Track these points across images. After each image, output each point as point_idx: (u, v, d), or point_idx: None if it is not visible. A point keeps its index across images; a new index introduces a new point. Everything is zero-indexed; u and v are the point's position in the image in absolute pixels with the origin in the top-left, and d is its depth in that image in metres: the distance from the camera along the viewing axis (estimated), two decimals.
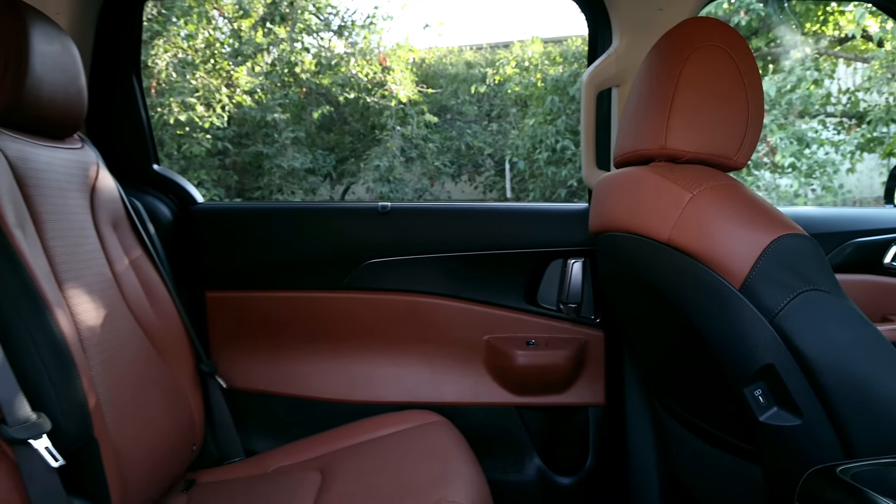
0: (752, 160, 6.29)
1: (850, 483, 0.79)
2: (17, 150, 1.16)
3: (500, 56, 7.68)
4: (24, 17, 1.18)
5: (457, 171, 8.31)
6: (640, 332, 1.38)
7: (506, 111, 8.17)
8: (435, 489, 1.16)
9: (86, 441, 1.04)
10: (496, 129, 8.28)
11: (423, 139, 7.59)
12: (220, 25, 7.25)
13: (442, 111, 8.29)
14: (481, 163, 8.35)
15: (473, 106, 8.30)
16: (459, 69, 8.60)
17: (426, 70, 8.56)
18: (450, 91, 8.40)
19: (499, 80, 7.57)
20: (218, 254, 1.79)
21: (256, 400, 1.78)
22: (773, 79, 6.24)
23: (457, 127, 8.32)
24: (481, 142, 8.11)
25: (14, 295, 1.01)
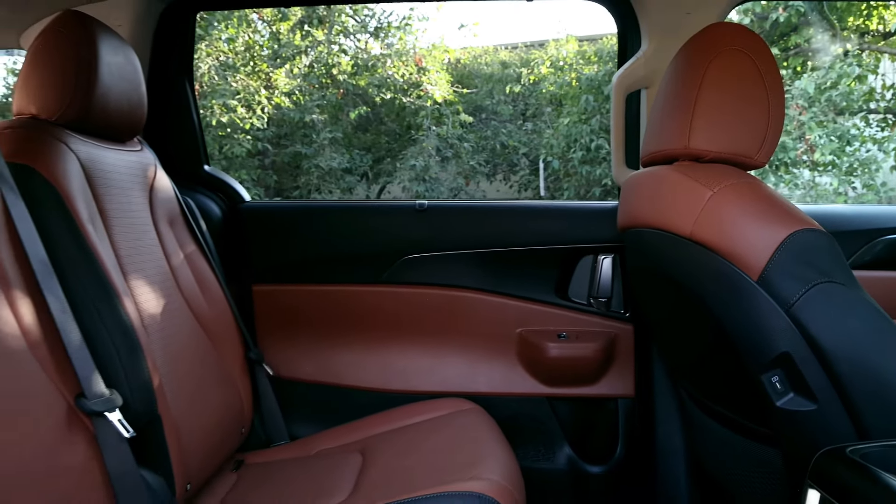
0: (791, 158, 6.23)
1: (858, 462, 0.84)
2: (87, 153, 1.26)
3: (535, 56, 7.72)
4: (93, 30, 1.28)
5: (492, 171, 8.37)
6: (665, 322, 1.44)
7: (541, 110, 8.20)
8: (468, 467, 1.23)
9: (151, 417, 1.14)
10: (531, 128, 8.32)
11: (458, 139, 7.67)
12: (259, 29, 7.43)
13: (477, 111, 8.36)
14: (516, 162, 8.39)
15: (508, 105, 8.35)
16: (494, 69, 8.65)
17: (461, 70, 8.64)
18: (485, 91, 8.46)
19: (533, 79, 7.61)
20: (264, 249, 1.90)
21: (300, 388, 1.87)
22: (811, 76, 6.16)
23: (492, 126, 8.38)
24: (516, 141, 8.16)
25: (88, 284, 1.12)
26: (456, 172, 7.95)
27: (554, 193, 7.97)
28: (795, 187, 6.49)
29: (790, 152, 6.12)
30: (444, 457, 1.33)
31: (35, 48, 1.26)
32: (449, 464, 1.28)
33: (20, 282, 0.98)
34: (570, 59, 7.24)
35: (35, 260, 1.01)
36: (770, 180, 6.39)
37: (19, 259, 1.00)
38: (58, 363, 0.98)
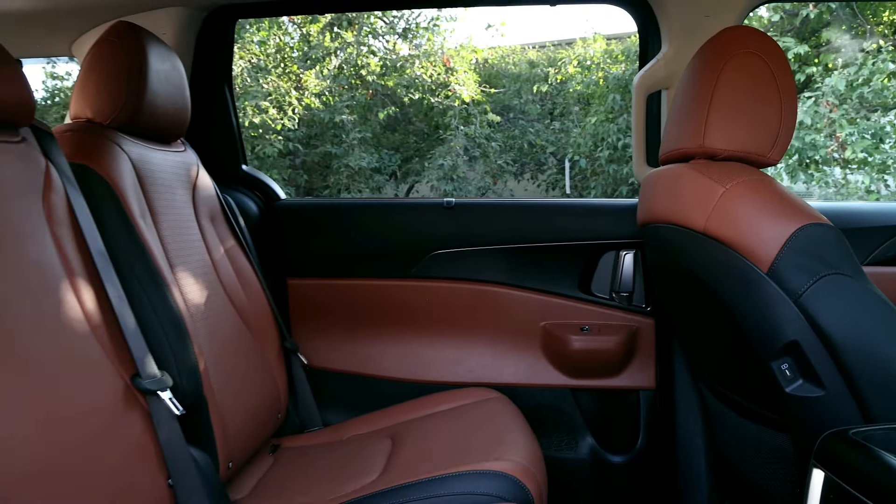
0: (821, 156, 6.18)
1: (861, 443, 0.90)
2: (138, 154, 1.36)
3: (562, 55, 7.75)
4: (143, 40, 1.38)
5: (519, 170, 8.42)
6: (684, 315, 1.49)
7: (568, 109, 8.22)
8: (492, 450, 1.30)
9: (197, 398, 1.23)
10: (558, 127, 8.35)
11: (485, 138, 7.73)
12: (289, 31, 7.57)
13: (505, 110, 8.41)
14: (544, 161, 8.43)
15: (536, 105, 8.39)
16: (522, 68, 8.70)
17: (489, 70, 8.70)
18: (513, 90, 8.51)
19: (561, 79, 7.64)
20: (298, 245, 1.99)
21: (332, 377, 1.96)
22: (842, 73, 6.11)
23: (519, 126, 8.43)
24: (544, 140, 8.20)
25: (140, 274, 1.21)
26: (483, 171, 8.01)
27: (582, 192, 8.00)
28: (826, 185, 6.43)
29: (820, 150, 6.07)
30: (470, 440, 1.40)
31: (91, 57, 1.36)
32: (474, 447, 1.35)
33: (83, 271, 1.08)
34: (598, 58, 7.26)
35: (94, 251, 1.10)
36: (800, 178, 6.34)
37: (81, 250, 1.10)
38: (116, 345, 1.08)
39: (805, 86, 6.64)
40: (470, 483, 1.18)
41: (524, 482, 1.19)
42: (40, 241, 1.02)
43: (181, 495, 1.10)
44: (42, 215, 1.05)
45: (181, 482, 1.10)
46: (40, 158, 1.09)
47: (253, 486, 1.42)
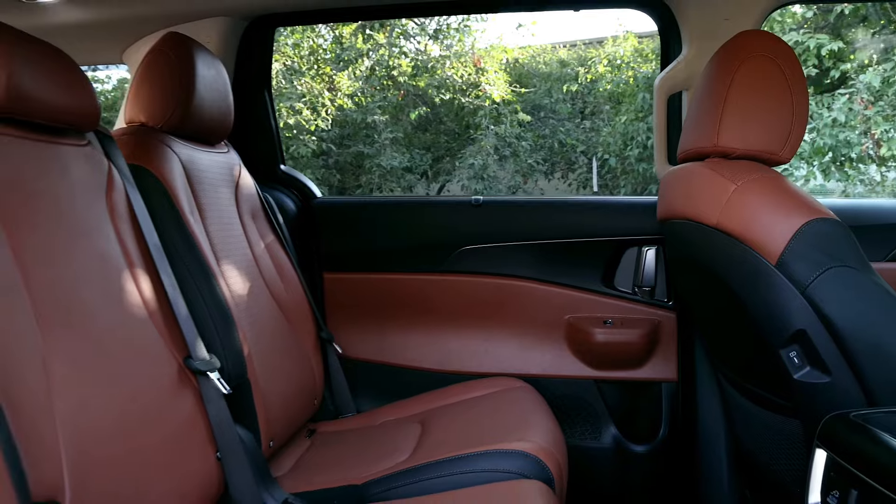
0: (856, 154, 6.12)
1: (861, 424, 0.96)
2: (186, 155, 1.47)
3: (592, 54, 7.77)
4: (192, 50, 1.49)
5: (550, 169, 8.45)
6: (702, 307, 1.55)
7: (599, 108, 8.23)
8: (515, 432, 1.38)
9: (242, 381, 1.34)
10: (589, 126, 8.36)
11: (516, 137, 7.79)
12: (322, 33, 7.72)
13: (536, 109, 8.45)
14: (574, 160, 8.45)
15: (567, 104, 8.41)
16: (553, 68, 8.72)
17: (519, 69, 8.74)
18: (543, 90, 8.54)
19: (591, 78, 7.66)
20: (334, 241, 2.09)
21: (365, 367, 2.05)
22: (877, 69, 6.03)
23: (550, 125, 8.46)
24: (574, 139, 8.22)
25: (190, 265, 1.32)
26: (514, 170, 8.07)
27: (612, 190, 8.01)
28: (861, 183, 6.36)
29: (854, 148, 6.01)
30: (495, 424, 1.48)
31: (144, 67, 1.47)
32: (498, 429, 1.43)
33: (141, 262, 1.18)
34: (627, 57, 7.27)
35: (151, 244, 1.21)
36: (834, 176, 6.29)
37: (139, 243, 1.20)
38: (170, 330, 1.18)
39: (841, 82, 6.58)
40: (493, 461, 1.26)
41: (545, 461, 1.27)
42: (105, 234, 1.13)
43: (228, 467, 1.20)
44: (105, 211, 1.16)
45: (228, 456, 1.20)
46: (103, 160, 1.20)
47: (292, 465, 1.52)
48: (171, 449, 1.07)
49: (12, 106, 0.97)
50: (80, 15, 1.80)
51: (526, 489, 1.15)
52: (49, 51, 1.05)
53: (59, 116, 1.07)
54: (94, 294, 1.04)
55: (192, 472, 1.11)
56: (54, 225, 1.01)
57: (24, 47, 0.99)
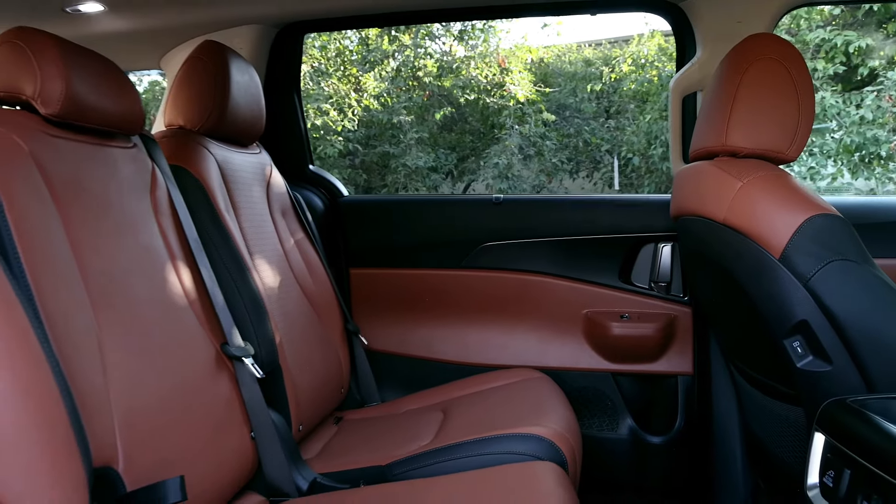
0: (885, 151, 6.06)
1: (857, 409, 1.01)
2: (222, 156, 1.56)
3: (616, 54, 7.78)
4: (226, 57, 1.58)
5: (575, 168, 8.48)
6: (712, 300, 1.61)
7: (624, 108, 8.24)
8: (531, 418, 1.45)
9: (274, 367, 1.43)
10: (614, 125, 8.37)
11: (540, 137, 7.83)
12: (349, 35, 7.83)
13: (561, 108, 8.48)
14: (599, 159, 8.47)
15: (592, 103, 8.43)
16: (578, 67, 8.74)
17: (544, 69, 8.77)
18: (568, 89, 8.57)
19: (615, 77, 7.67)
20: (360, 237, 2.18)
21: (389, 359, 2.13)
22: None
23: (575, 124, 8.48)
24: (599, 138, 8.24)
25: (226, 259, 1.41)
26: (538, 170, 8.11)
27: (637, 189, 8.01)
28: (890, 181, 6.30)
29: (883, 146, 5.96)
30: (512, 411, 1.55)
31: (182, 73, 1.57)
32: (516, 416, 1.50)
33: (181, 255, 1.28)
34: (652, 56, 7.27)
35: (190, 238, 1.30)
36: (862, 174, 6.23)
37: (180, 238, 1.30)
38: (208, 318, 1.28)
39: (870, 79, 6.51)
40: (509, 444, 1.33)
41: (559, 445, 1.33)
42: (149, 229, 1.22)
43: (261, 447, 1.29)
44: (149, 208, 1.25)
45: (261, 436, 1.29)
46: (147, 161, 1.30)
47: (320, 448, 1.60)
48: (210, 426, 1.16)
49: (69, 112, 1.06)
50: (121, 24, 1.90)
51: (540, 470, 1.22)
52: (100, 61, 1.15)
53: (109, 121, 1.17)
54: (141, 283, 1.13)
55: (229, 449, 1.20)
56: (105, 220, 1.10)
57: (78, 58, 1.08)
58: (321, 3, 1.90)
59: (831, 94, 6.29)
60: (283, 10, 1.95)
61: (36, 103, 1.04)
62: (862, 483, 0.91)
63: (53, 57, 1.04)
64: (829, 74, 6.38)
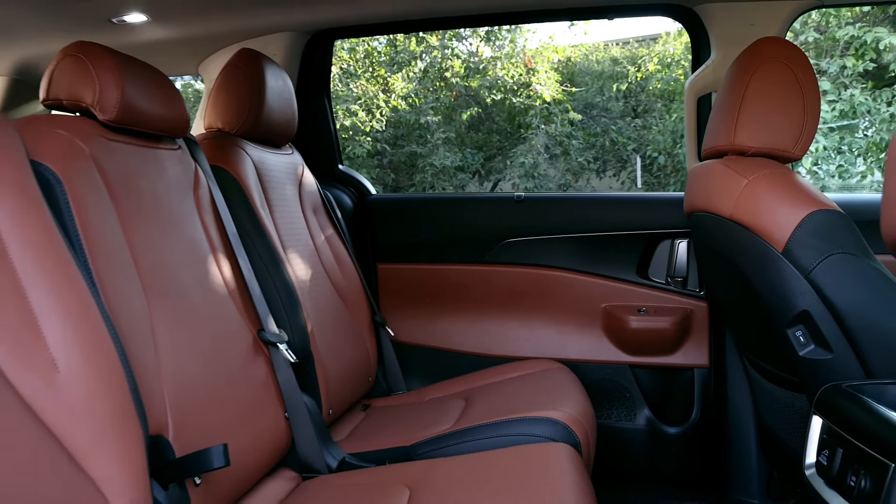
0: None
1: (852, 393, 1.07)
2: (258, 156, 1.67)
3: (642, 53, 7.79)
4: (262, 64, 1.69)
5: (601, 167, 8.50)
6: (722, 293, 1.67)
7: (651, 107, 8.24)
8: (549, 405, 1.52)
9: (306, 353, 1.53)
10: (640, 124, 8.37)
11: (566, 136, 7.87)
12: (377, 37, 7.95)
13: (588, 108, 8.50)
14: (626, 158, 8.47)
15: (619, 102, 8.44)
16: (605, 66, 8.76)
17: (571, 68, 8.80)
18: (595, 88, 8.59)
19: (640, 76, 7.68)
20: (387, 234, 2.28)
21: (415, 350, 2.23)
22: None
23: (602, 123, 8.50)
24: (625, 137, 8.25)
25: (262, 252, 1.51)
26: (564, 169, 8.15)
27: (664, 188, 8.00)
28: None
29: None
30: (531, 397, 1.63)
31: (220, 79, 1.68)
32: (533, 401, 1.58)
33: (222, 248, 1.39)
34: (678, 55, 7.27)
35: (230, 233, 1.41)
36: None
37: (220, 232, 1.41)
38: (246, 306, 1.38)
39: None
40: (525, 426, 1.41)
41: (573, 428, 1.41)
42: (193, 224, 1.33)
43: (295, 426, 1.39)
44: (193, 204, 1.36)
45: (295, 417, 1.39)
46: (191, 161, 1.41)
47: (349, 432, 1.70)
48: (248, 404, 1.27)
49: (123, 118, 1.17)
50: (162, 33, 2.02)
51: (554, 451, 1.30)
52: (150, 71, 1.26)
53: (158, 125, 1.28)
54: (186, 273, 1.24)
55: (266, 427, 1.30)
56: (154, 215, 1.21)
57: (132, 69, 1.19)
58: (350, 10, 2.00)
59: (861, 92, 6.23)
60: (314, 18, 2.05)
61: (95, 110, 1.15)
62: (853, 461, 0.98)
63: (110, 68, 1.15)
64: (858, 72, 6.33)
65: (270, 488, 1.30)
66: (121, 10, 1.83)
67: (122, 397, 0.85)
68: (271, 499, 1.27)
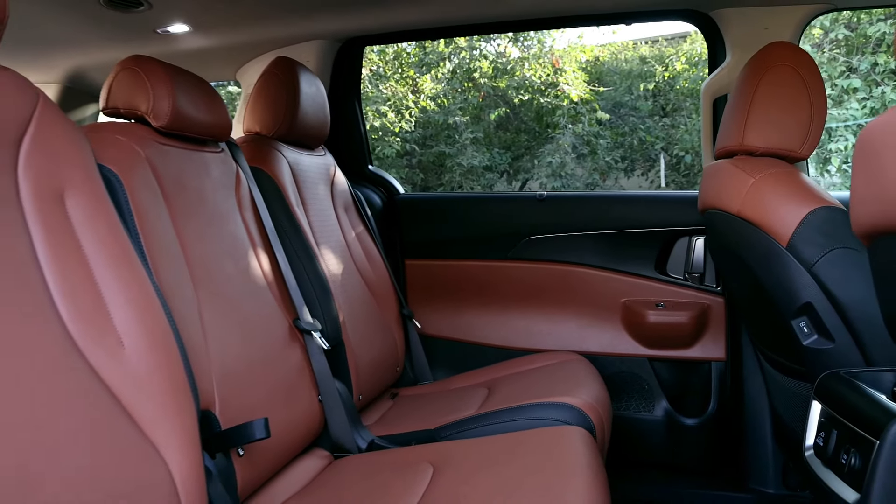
0: None
1: (848, 379, 1.14)
2: (293, 158, 1.78)
3: (670, 52, 7.79)
4: (296, 71, 1.80)
5: (629, 166, 8.51)
6: (734, 287, 1.74)
7: (680, 106, 8.22)
8: (566, 392, 1.61)
9: (338, 342, 1.63)
10: (669, 123, 8.36)
11: (594, 136, 7.91)
12: None
13: (616, 107, 8.52)
14: (654, 157, 8.47)
15: (648, 101, 8.44)
16: (633, 65, 8.76)
17: (600, 67, 8.82)
18: (624, 87, 8.60)
19: (668, 76, 7.68)
20: (414, 231, 2.38)
21: (441, 343, 2.33)
22: None
23: (630, 122, 8.50)
24: (654, 136, 8.25)
25: (297, 247, 1.63)
26: (592, 168, 8.18)
27: (691, 187, 7.99)
28: None
29: None
30: (549, 385, 1.71)
31: (258, 86, 1.80)
32: (551, 389, 1.66)
33: (261, 243, 1.50)
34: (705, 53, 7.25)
35: (268, 229, 1.52)
36: None
37: (259, 228, 1.52)
38: (283, 297, 1.49)
39: None
40: (542, 411, 1.50)
41: (588, 413, 1.50)
42: (234, 220, 1.44)
43: (327, 409, 1.50)
44: (234, 203, 1.47)
45: (327, 400, 1.50)
46: (232, 163, 1.52)
47: (378, 417, 1.81)
48: (285, 387, 1.38)
49: (174, 124, 1.29)
50: (204, 42, 2.15)
51: (568, 433, 1.38)
52: (196, 80, 1.37)
53: (204, 131, 1.39)
54: (229, 266, 1.35)
55: (301, 408, 1.41)
56: (201, 213, 1.33)
57: (181, 80, 1.31)
58: (379, 19, 2.10)
59: (892, 89, 6.18)
60: (345, 27, 2.16)
61: (149, 117, 1.27)
62: (845, 441, 1.05)
63: (163, 80, 1.26)
64: (890, 68, 6.27)
65: (305, 465, 1.41)
66: (165, 22, 1.96)
67: (178, 373, 0.96)
68: (306, 474, 1.38)
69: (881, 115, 0.82)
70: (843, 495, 1.02)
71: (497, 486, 1.14)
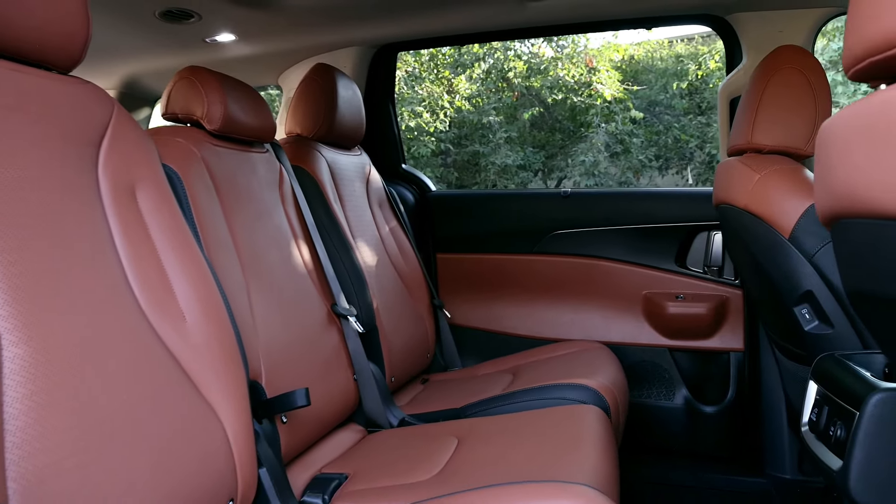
0: None
1: (842, 361, 1.23)
2: (331, 158, 1.92)
3: (703, 51, 7.78)
4: (334, 77, 1.94)
5: (664, 165, 8.52)
6: (745, 277, 1.82)
7: (715, 103, 8.19)
8: (584, 375, 1.71)
9: (372, 327, 1.77)
10: (704, 121, 8.35)
11: (627, 134, 7.94)
12: None
13: (651, 105, 8.54)
14: (689, 155, 8.46)
15: (683, 100, 8.44)
16: (669, 63, 8.76)
17: (634, 66, 8.84)
18: (659, 85, 8.61)
19: (701, 74, 7.68)
20: (445, 227, 2.51)
21: (470, 333, 2.45)
22: None
23: (664, 121, 8.51)
24: (688, 135, 8.24)
25: (335, 240, 1.77)
26: (625, 167, 8.21)
27: None
28: None
29: None
30: (570, 369, 1.82)
31: (299, 91, 1.94)
32: (572, 373, 1.77)
33: (302, 235, 1.64)
34: None
35: (308, 223, 1.66)
36: None
37: (301, 222, 1.66)
38: (322, 285, 1.63)
39: None
40: (561, 391, 1.61)
41: (603, 394, 1.60)
42: (278, 215, 1.59)
43: (362, 388, 1.64)
44: (278, 199, 1.62)
45: (362, 379, 1.64)
46: (276, 163, 1.67)
47: (409, 399, 1.94)
48: (324, 366, 1.52)
49: (225, 128, 1.44)
50: (247, 49, 2.31)
51: (584, 411, 1.49)
52: (245, 87, 1.52)
53: (252, 133, 1.54)
54: (274, 255, 1.50)
55: (338, 385, 1.55)
56: (249, 207, 1.48)
57: (232, 88, 1.46)
58: (412, 26, 2.23)
59: None
60: (380, 34, 2.30)
61: (203, 122, 1.42)
62: (834, 415, 1.14)
63: (216, 88, 1.41)
64: None
65: (341, 437, 1.55)
66: (213, 31, 2.12)
67: (231, 346, 1.10)
68: (342, 444, 1.52)
69: (836, 113, 0.90)
70: (830, 464, 1.11)
71: (514, 448, 1.26)
